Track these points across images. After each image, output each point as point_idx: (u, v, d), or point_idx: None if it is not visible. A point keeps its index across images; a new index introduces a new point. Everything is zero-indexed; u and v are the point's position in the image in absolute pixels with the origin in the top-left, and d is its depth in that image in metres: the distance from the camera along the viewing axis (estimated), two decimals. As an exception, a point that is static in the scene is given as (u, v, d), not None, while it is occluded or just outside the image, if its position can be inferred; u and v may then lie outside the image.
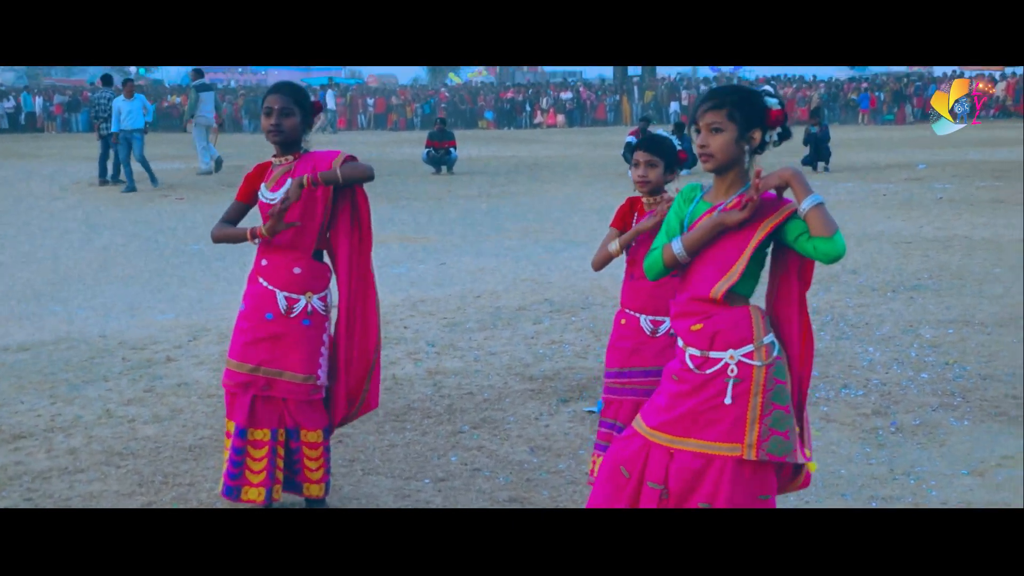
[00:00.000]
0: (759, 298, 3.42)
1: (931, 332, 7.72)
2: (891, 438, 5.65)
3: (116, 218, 15.22)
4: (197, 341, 7.85)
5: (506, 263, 11.11)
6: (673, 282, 3.55)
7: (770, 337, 3.33)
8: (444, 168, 21.45)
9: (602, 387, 4.80)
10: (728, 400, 3.27)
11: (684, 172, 19.38)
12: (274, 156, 4.56)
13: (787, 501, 4.54)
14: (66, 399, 6.46)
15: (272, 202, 4.46)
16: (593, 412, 6.07)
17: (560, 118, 46.23)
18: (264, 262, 4.53)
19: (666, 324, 4.51)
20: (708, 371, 3.30)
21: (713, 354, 3.30)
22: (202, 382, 6.79)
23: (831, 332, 7.76)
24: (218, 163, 20.18)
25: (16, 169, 23.26)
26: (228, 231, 4.58)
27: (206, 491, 5.01)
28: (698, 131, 3.33)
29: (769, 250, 3.38)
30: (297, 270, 4.48)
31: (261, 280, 4.52)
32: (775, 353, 3.32)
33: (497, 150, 28.91)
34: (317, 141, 4.59)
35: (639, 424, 3.42)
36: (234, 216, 4.63)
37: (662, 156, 4.55)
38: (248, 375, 4.49)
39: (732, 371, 3.27)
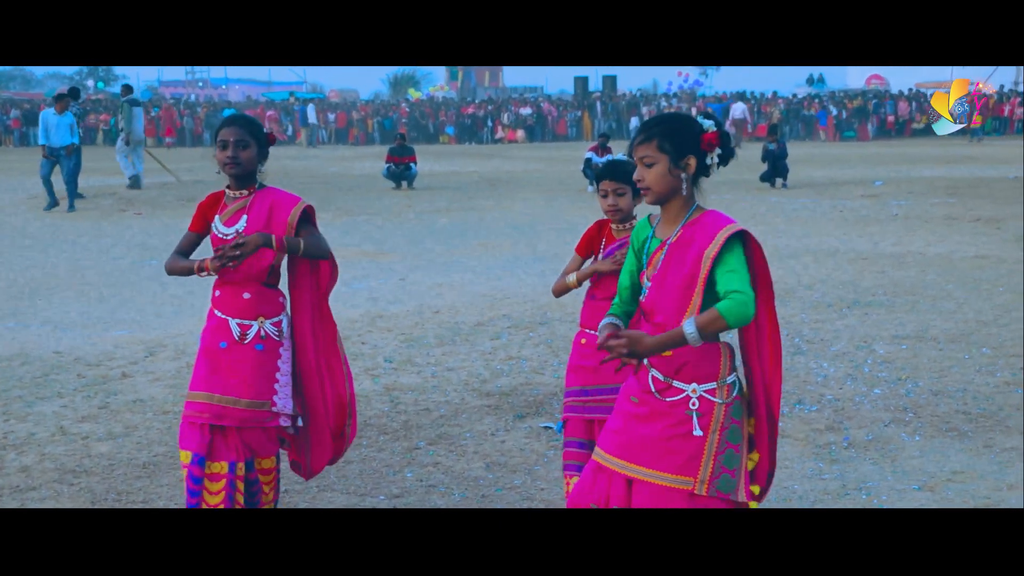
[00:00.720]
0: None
1: (885, 348, 7.81)
2: (844, 453, 5.71)
3: (73, 233, 15.10)
4: (153, 357, 7.80)
5: (465, 279, 11.13)
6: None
7: (733, 377, 3.34)
8: (404, 183, 21.45)
9: (561, 405, 4.79)
10: (698, 432, 3.26)
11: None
12: (228, 188, 4.54)
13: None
14: (19, 416, 6.41)
15: (225, 237, 4.45)
16: (550, 428, 6.09)
17: (520, 133, 46.34)
18: (218, 293, 4.53)
19: None
20: (669, 399, 3.30)
21: (677, 383, 3.29)
22: (157, 399, 6.75)
23: (786, 347, 7.83)
24: (136, 180, 20.14)
25: (-29, 183, 23.02)
26: (178, 264, 4.56)
27: (159, 508, 4.99)
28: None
29: None
30: (247, 295, 4.47)
31: (216, 312, 4.52)
32: (735, 393, 3.33)
33: (458, 165, 28.95)
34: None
35: (598, 453, 3.42)
36: (187, 247, 4.61)
37: (628, 182, 4.54)
38: (203, 403, 4.46)
39: (693, 404, 3.28)
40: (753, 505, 3.46)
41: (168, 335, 8.48)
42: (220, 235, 4.45)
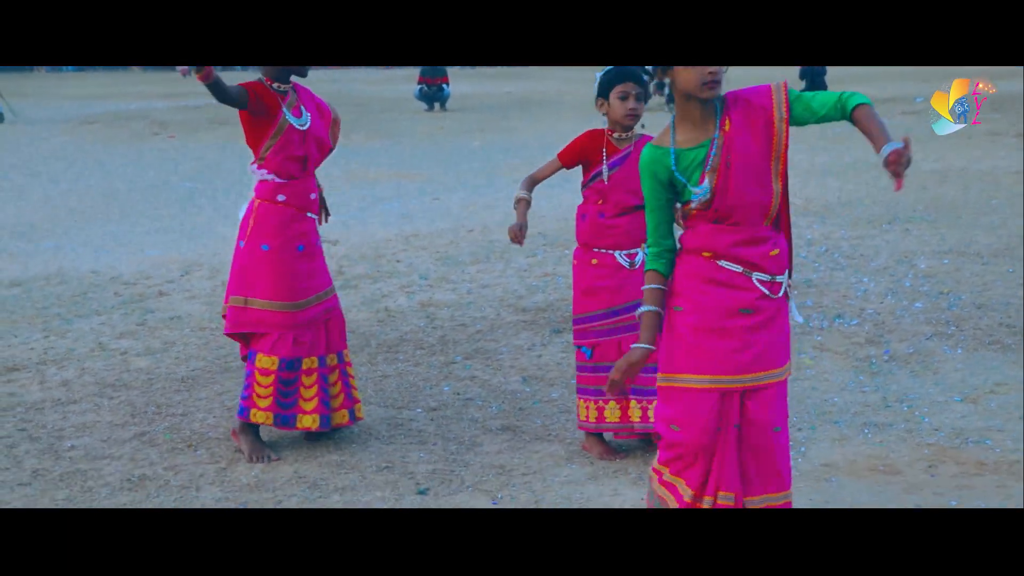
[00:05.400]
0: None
1: (926, 263, 7.69)
2: (884, 366, 5.65)
3: (107, 156, 15.11)
4: (189, 276, 7.82)
5: (499, 198, 11.03)
6: (642, 217, 3.45)
7: None
8: (437, 105, 21.28)
9: (585, 332, 4.63)
10: (800, 319, 3.30)
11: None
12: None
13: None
14: (59, 332, 6.44)
15: (301, 128, 4.53)
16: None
17: (554, 55, 45.74)
18: (281, 197, 4.51)
19: (640, 255, 4.47)
20: (776, 295, 3.19)
21: (779, 278, 3.20)
22: (194, 315, 6.77)
23: (825, 263, 7.74)
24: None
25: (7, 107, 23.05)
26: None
27: (199, 421, 5.02)
28: None
29: None
30: (312, 195, 4.67)
31: (295, 207, 4.56)
32: None
33: (490, 87, 28.70)
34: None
35: (716, 380, 3.18)
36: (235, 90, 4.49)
37: (645, 87, 4.48)
38: (311, 309, 4.58)
39: (791, 292, 3.24)
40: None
41: (203, 255, 8.49)
42: (296, 125, 4.53)
